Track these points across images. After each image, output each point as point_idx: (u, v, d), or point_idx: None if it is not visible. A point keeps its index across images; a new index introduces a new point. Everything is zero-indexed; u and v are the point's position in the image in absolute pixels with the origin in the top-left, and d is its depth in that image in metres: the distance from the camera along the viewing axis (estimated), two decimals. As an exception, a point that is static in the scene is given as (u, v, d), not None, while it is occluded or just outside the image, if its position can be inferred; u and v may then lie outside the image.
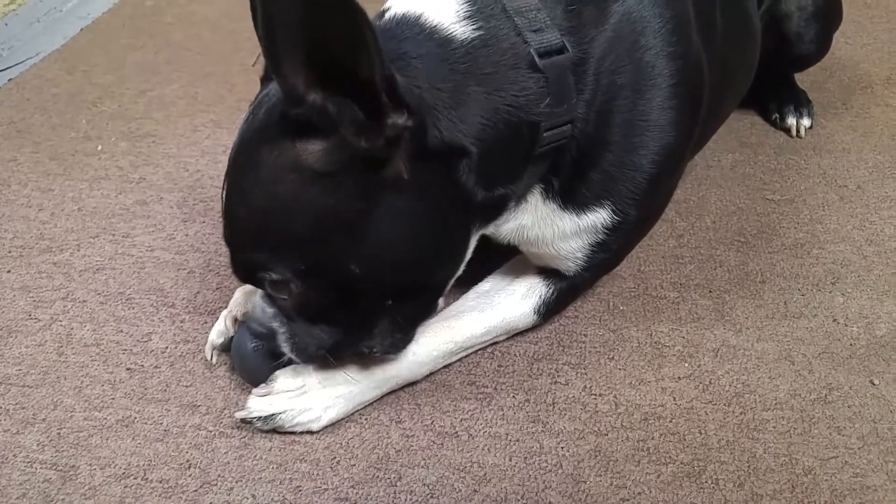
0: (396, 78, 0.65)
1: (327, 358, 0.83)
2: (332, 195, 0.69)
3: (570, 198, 0.86)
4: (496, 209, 0.83)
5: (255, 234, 0.75)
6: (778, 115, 1.42)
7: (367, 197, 0.70)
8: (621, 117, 0.83)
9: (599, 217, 0.88)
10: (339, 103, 0.64)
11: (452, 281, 0.86)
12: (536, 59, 0.76)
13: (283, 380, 0.87)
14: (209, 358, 0.96)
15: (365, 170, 0.69)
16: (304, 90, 0.63)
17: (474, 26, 0.75)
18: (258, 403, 0.86)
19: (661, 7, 0.85)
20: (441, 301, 0.89)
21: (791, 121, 1.40)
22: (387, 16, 0.78)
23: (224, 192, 0.76)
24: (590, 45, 0.81)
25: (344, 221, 0.71)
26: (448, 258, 0.82)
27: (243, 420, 0.87)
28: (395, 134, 0.67)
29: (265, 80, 0.81)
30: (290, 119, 0.67)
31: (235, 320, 0.94)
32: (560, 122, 0.79)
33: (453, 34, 0.74)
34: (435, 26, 0.74)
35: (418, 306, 0.85)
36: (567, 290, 0.97)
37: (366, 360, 0.88)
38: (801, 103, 1.42)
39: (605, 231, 0.89)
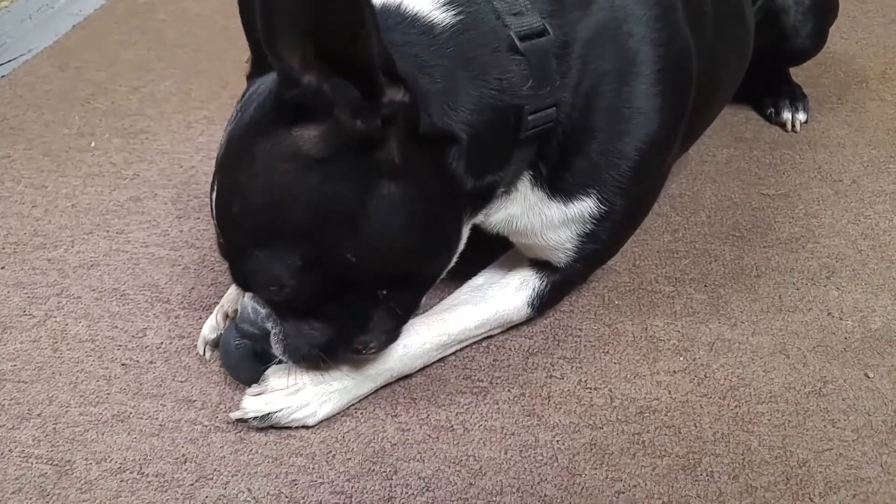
0: (393, 54, 0.65)
1: (320, 357, 0.82)
2: (329, 182, 0.69)
3: (558, 186, 0.86)
4: (485, 197, 0.83)
5: (252, 230, 0.73)
6: (773, 110, 1.42)
7: (363, 183, 0.70)
8: (605, 104, 0.83)
9: (586, 206, 0.88)
10: (334, 84, 0.64)
11: (445, 272, 0.86)
12: (517, 41, 0.76)
13: (276, 379, 0.87)
14: (202, 353, 0.96)
15: (360, 155, 0.69)
16: (299, 71, 0.63)
17: (454, 11, 0.75)
18: (253, 403, 0.86)
19: None
20: (423, 300, 0.89)
21: (786, 115, 1.41)
22: None
23: (214, 199, 0.75)
24: (572, 29, 0.81)
25: (341, 208, 0.70)
26: (441, 246, 0.81)
27: (239, 420, 0.87)
28: (391, 112, 0.67)
29: (251, 77, 0.81)
30: (284, 105, 0.67)
31: (226, 316, 0.94)
32: (544, 105, 0.79)
33: (435, 21, 0.74)
34: (415, 14, 0.74)
35: (411, 296, 0.85)
36: (560, 282, 0.97)
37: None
38: (796, 98, 1.43)
39: (593, 221, 0.89)
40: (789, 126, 1.40)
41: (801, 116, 1.41)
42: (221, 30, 1.80)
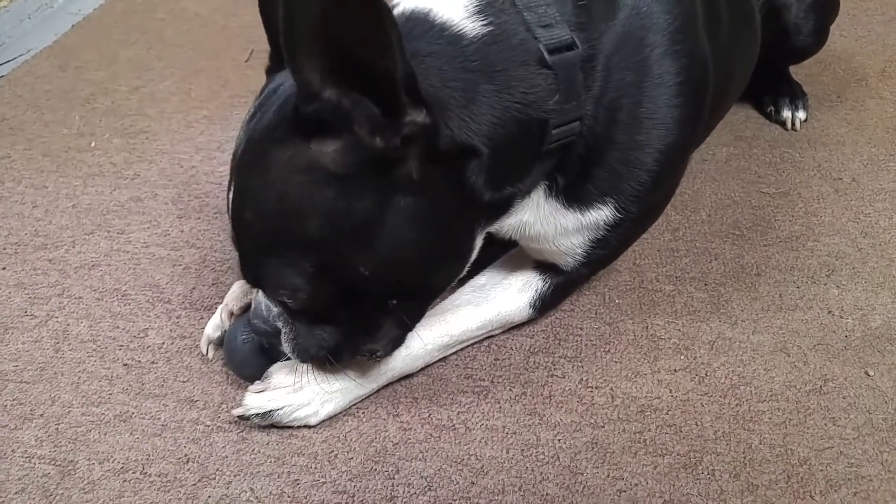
0: (417, 75, 0.64)
1: (328, 359, 0.82)
2: (344, 197, 0.68)
3: (574, 195, 0.86)
4: (503, 208, 0.82)
5: (265, 237, 0.73)
6: (773, 108, 1.42)
7: (379, 199, 0.69)
8: (627, 115, 0.82)
9: (602, 214, 0.87)
10: (354, 100, 0.63)
11: (456, 280, 0.85)
12: (546, 55, 0.74)
13: (279, 376, 0.87)
14: (205, 352, 0.96)
15: (377, 171, 0.68)
16: (319, 85, 0.62)
17: (484, 22, 0.74)
18: (255, 400, 0.86)
19: (670, 3, 0.84)
20: None
21: (786, 114, 1.41)
22: (395, 13, 0.76)
23: (230, 195, 0.74)
24: (599, 41, 0.79)
25: (355, 223, 0.69)
26: (454, 258, 0.81)
27: (241, 417, 0.87)
28: (411, 132, 0.66)
29: (270, 72, 0.80)
30: (303, 117, 0.66)
31: (231, 314, 0.94)
32: (569, 118, 0.78)
33: (463, 31, 0.73)
34: (444, 23, 0.73)
35: (420, 306, 0.85)
36: (563, 284, 0.97)
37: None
38: (796, 96, 1.43)
39: (607, 228, 0.89)
40: (789, 124, 1.40)
41: (801, 114, 1.41)
42: (220, 29, 1.80)
